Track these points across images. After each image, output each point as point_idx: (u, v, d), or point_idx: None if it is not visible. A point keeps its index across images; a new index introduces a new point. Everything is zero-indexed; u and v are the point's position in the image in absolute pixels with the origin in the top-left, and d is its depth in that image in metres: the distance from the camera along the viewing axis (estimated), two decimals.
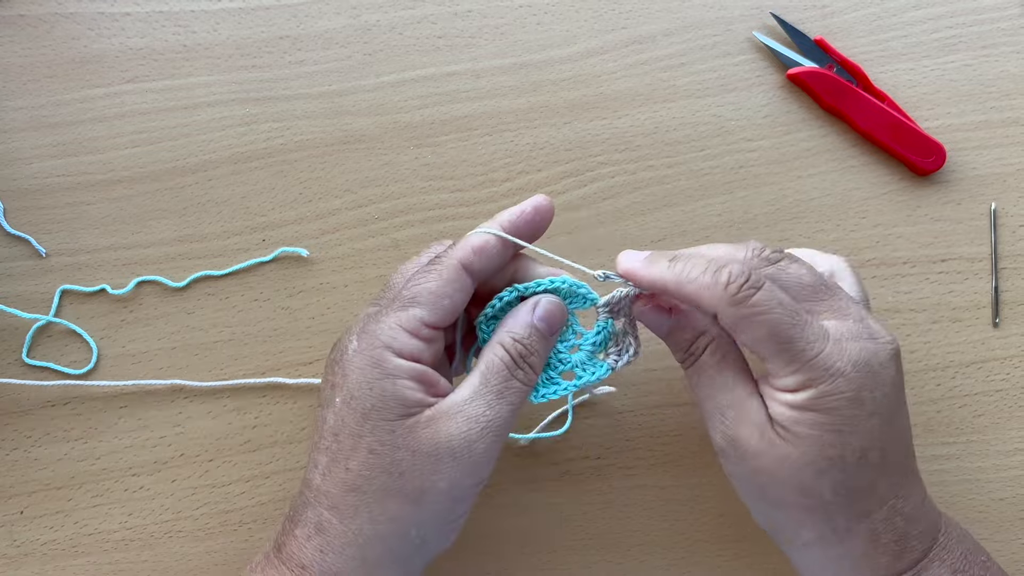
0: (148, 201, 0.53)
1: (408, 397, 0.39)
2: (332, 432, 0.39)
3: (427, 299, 0.40)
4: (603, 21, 0.56)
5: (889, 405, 0.39)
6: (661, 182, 0.54)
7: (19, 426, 0.50)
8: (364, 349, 0.39)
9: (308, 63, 0.55)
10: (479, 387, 0.40)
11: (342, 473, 0.39)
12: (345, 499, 0.39)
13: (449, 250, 0.41)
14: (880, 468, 0.39)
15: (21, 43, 0.54)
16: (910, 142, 0.53)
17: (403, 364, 0.39)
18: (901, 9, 0.56)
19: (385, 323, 0.39)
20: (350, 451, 0.39)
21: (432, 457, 0.38)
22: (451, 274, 0.40)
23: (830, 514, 0.39)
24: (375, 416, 0.38)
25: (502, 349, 0.41)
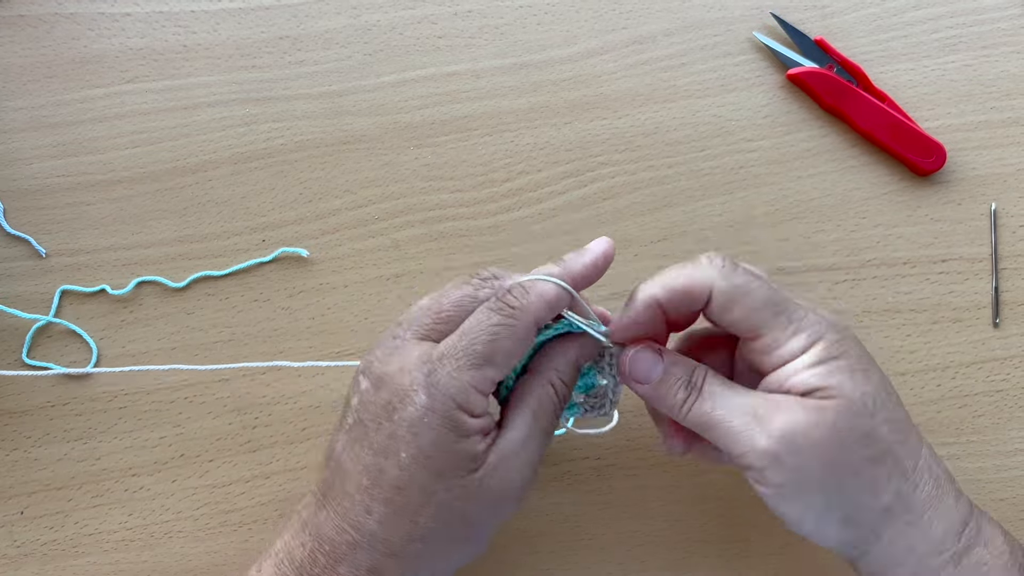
0: (148, 201, 0.53)
1: (478, 452, 0.39)
2: (395, 486, 0.38)
3: (502, 360, 0.39)
4: (603, 21, 0.56)
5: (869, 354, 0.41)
6: (661, 182, 0.54)
7: (19, 426, 0.50)
8: (438, 409, 0.38)
9: (308, 63, 0.55)
10: (532, 427, 0.40)
11: (407, 525, 0.38)
12: (407, 548, 0.39)
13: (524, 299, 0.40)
14: (901, 404, 0.40)
15: (21, 43, 0.54)
16: (910, 142, 0.53)
17: (476, 424, 0.39)
18: (901, 9, 0.56)
19: (459, 381, 0.38)
20: (419, 506, 0.38)
21: (498, 503, 0.40)
22: (527, 332, 0.39)
23: (897, 456, 0.39)
24: (451, 476, 0.38)
25: (552, 389, 0.41)
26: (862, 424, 0.38)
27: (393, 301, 0.52)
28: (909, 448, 0.39)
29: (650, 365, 0.41)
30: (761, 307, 0.39)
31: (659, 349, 0.42)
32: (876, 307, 0.52)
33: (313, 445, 0.50)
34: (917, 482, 0.39)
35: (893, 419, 0.39)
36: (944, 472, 0.41)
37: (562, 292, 0.40)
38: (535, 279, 0.40)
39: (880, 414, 0.39)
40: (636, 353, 0.42)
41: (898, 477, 0.39)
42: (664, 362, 0.41)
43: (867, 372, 0.39)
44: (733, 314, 0.40)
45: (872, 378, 0.39)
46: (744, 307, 0.39)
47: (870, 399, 0.38)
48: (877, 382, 0.39)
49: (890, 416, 0.39)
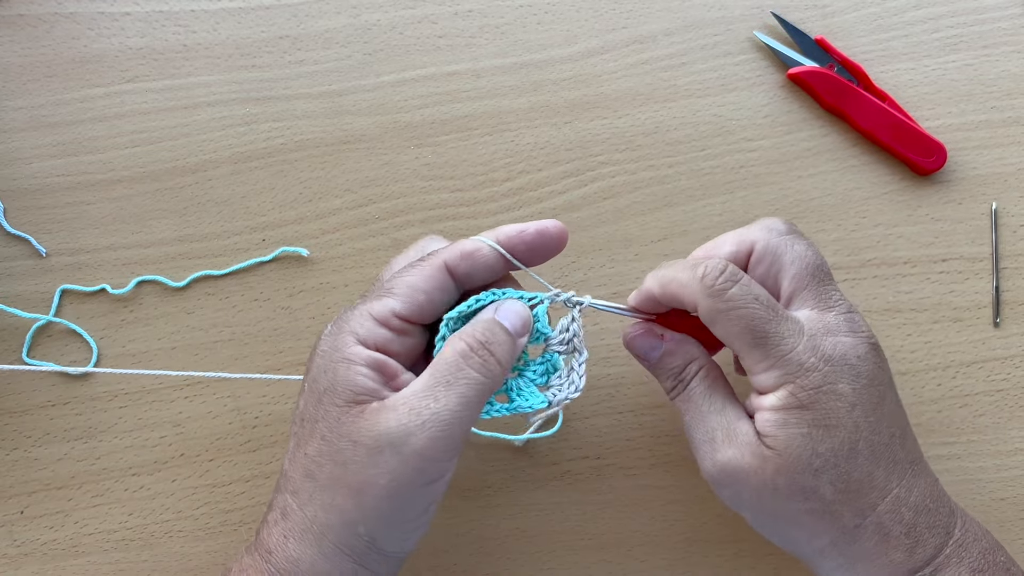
0: (148, 201, 0.53)
1: (359, 383, 0.38)
2: (300, 417, 0.40)
3: (403, 291, 0.40)
4: (603, 21, 0.56)
5: (871, 396, 0.39)
6: (661, 182, 0.54)
7: (19, 426, 0.50)
8: (332, 333, 0.39)
9: (308, 63, 0.55)
10: (428, 379, 0.38)
11: (302, 458, 0.39)
12: (303, 485, 0.39)
13: (438, 251, 0.41)
14: (873, 458, 0.39)
15: (21, 43, 0.54)
16: (911, 142, 0.53)
17: (362, 351, 0.38)
18: (902, 9, 0.56)
19: (358, 310, 0.40)
20: (308, 436, 0.39)
21: (373, 450, 0.37)
22: (433, 271, 0.40)
23: (836, 514, 0.39)
24: (327, 400, 0.38)
25: (458, 339, 0.39)
26: (801, 481, 0.38)
27: None
28: (856, 506, 0.39)
29: (648, 347, 0.43)
30: (740, 335, 0.39)
31: (660, 333, 0.43)
32: (876, 307, 0.52)
33: None
34: (857, 537, 0.39)
35: (843, 478, 0.38)
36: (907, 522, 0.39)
37: (481, 246, 0.41)
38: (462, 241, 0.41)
39: (827, 475, 0.38)
40: (636, 335, 0.44)
41: (835, 531, 0.39)
42: (661, 348, 0.43)
43: (831, 428, 0.38)
44: (715, 331, 0.40)
45: (834, 436, 0.38)
46: (724, 330, 0.39)
47: (819, 460, 0.38)
48: (840, 440, 0.38)
49: (841, 476, 0.38)
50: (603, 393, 0.51)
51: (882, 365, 0.40)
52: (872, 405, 0.39)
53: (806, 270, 0.41)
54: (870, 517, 0.39)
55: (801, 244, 0.41)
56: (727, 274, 0.39)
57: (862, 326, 0.40)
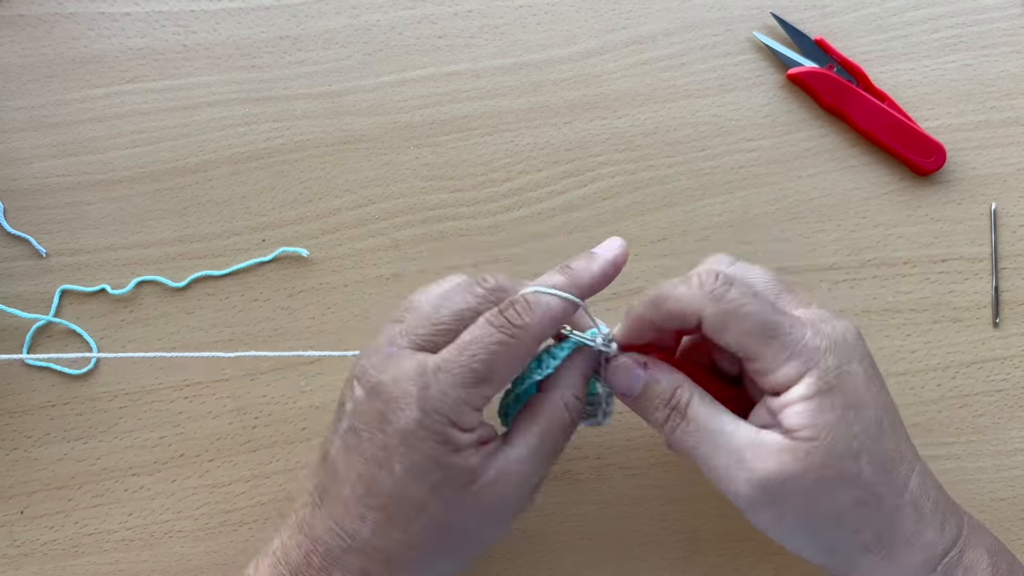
0: (148, 201, 0.53)
1: (474, 466, 0.38)
2: (389, 495, 0.38)
3: (500, 378, 0.38)
4: (603, 21, 0.56)
5: (876, 373, 0.40)
6: (661, 182, 0.54)
7: (19, 426, 0.50)
8: (429, 425, 0.37)
9: (308, 63, 0.55)
10: (537, 446, 0.39)
11: (399, 534, 0.38)
12: (400, 555, 0.39)
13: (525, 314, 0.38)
14: (895, 432, 0.39)
15: (21, 43, 0.54)
16: (910, 142, 0.53)
17: (469, 438, 0.38)
18: (901, 9, 0.56)
19: (452, 397, 0.37)
20: (412, 516, 0.38)
21: (494, 518, 0.40)
22: (528, 351, 0.39)
23: (880, 496, 0.38)
24: (444, 490, 0.38)
25: (565, 410, 0.40)
26: (846, 468, 0.37)
27: (393, 301, 0.52)
28: (894, 485, 0.39)
29: (629, 378, 0.41)
30: (752, 332, 0.38)
31: (643, 361, 0.41)
32: (876, 307, 0.52)
33: (313, 445, 0.50)
34: (898, 519, 0.39)
35: (880, 456, 0.38)
36: (933, 499, 0.39)
37: (568, 306, 0.39)
38: (540, 292, 0.39)
39: (865, 455, 0.38)
40: (616, 363, 0.41)
41: (879, 517, 0.39)
42: (645, 375, 0.41)
43: (859, 409, 0.38)
44: (725, 338, 0.38)
45: (864, 415, 0.38)
46: (735, 332, 0.38)
47: (856, 441, 0.37)
48: (869, 418, 0.38)
49: (877, 454, 0.38)
50: None
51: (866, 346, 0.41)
52: (880, 381, 0.40)
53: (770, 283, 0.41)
54: (906, 495, 0.39)
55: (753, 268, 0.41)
56: (722, 278, 0.39)
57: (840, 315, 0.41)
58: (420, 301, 0.41)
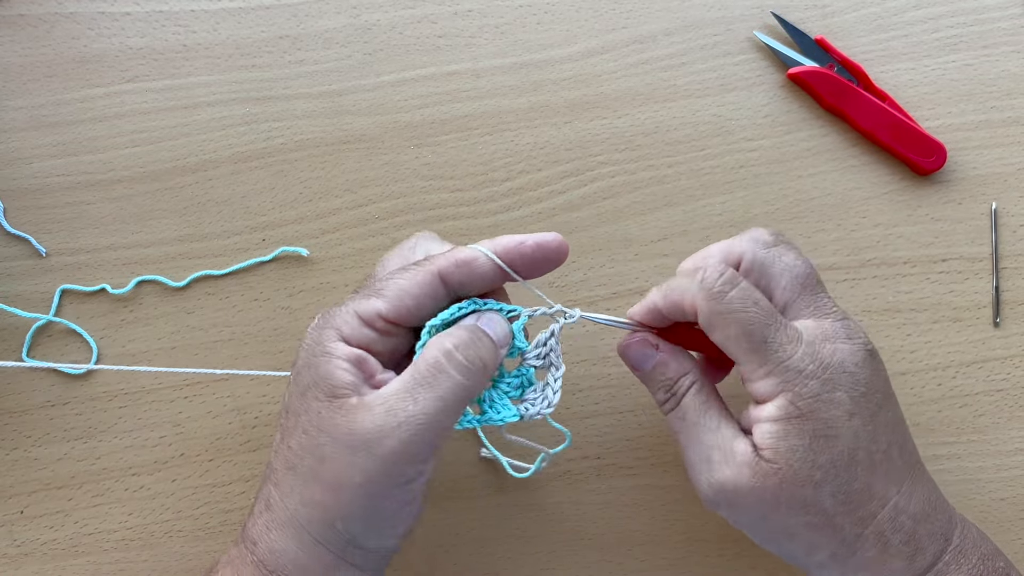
0: (148, 201, 0.53)
1: (339, 378, 0.38)
2: (285, 409, 0.40)
3: (392, 293, 0.39)
4: (603, 21, 0.56)
5: (869, 404, 0.39)
6: (661, 182, 0.54)
7: (19, 426, 0.50)
8: (318, 327, 0.40)
9: (308, 63, 0.55)
10: (408, 379, 0.38)
11: (285, 451, 0.39)
12: (285, 477, 0.39)
13: (434, 256, 0.41)
14: (871, 468, 0.38)
15: (21, 43, 0.54)
16: (911, 142, 0.53)
17: (343, 347, 0.39)
18: (902, 9, 0.56)
19: (344, 308, 0.40)
20: (292, 429, 0.39)
21: (349, 448, 0.37)
22: (425, 277, 0.40)
23: (837, 525, 0.38)
24: (310, 395, 0.38)
25: (441, 339, 0.39)
26: (803, 494, 0.38)
27: None
28: (857, 517, 0.38)
29: (641, 357, 0.43)
30: (737, 338, 0.38)
31: (655, 343, 0.43)
32: (876, 307, 0.52)
33: None
34: (857, 548, 0.39)
35: (844, 490, 0.38)
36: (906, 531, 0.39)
37: (477, 255, 0.40)
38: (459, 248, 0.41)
39: (828, 486, 0.38)
40: (630, 343, 0.43)
41: (835, 543, 0.39)
42: (656, 357, 0.42)
43: (831, 439, 0.38)
44: (714, 336, 0.40)
45: (835, 445, 0.38)
46: (722, 333, 0.39)
47: (820, 472, 0.37)
48: (839, 450, 0.38)
49: (841, 487, 0.38)
50: (603, 393, 0.51)
51: (879, 371, 0.40)
52: (870, 413, 0.39)
53: (795, 280, 0.40)
54: (870, 527, 0.38)
55: (789, 255, 0.41)
56: (726, 277, 0.39)
57: (858, 332, 0.40)
58: None
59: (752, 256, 0.41)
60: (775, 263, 0.41)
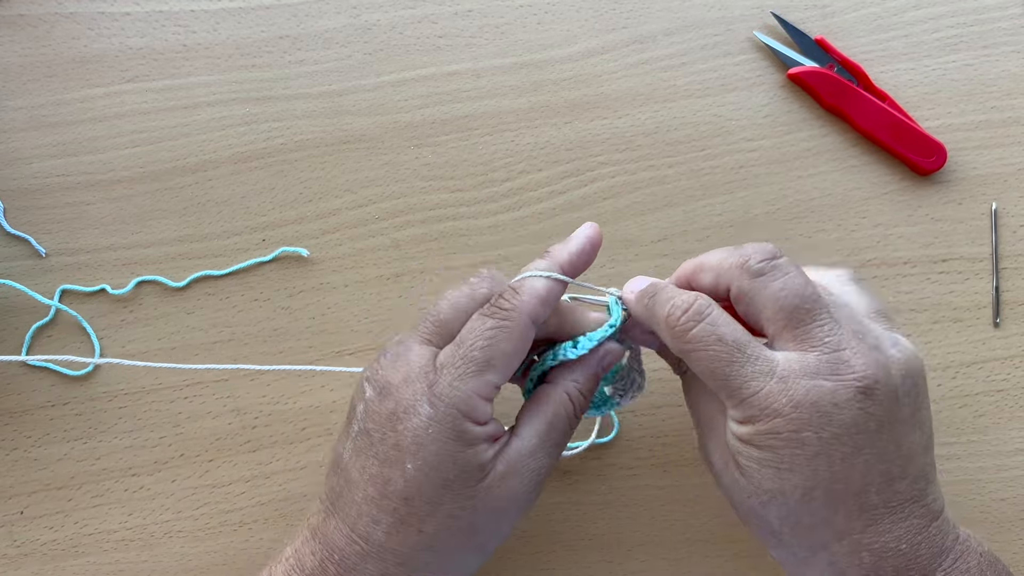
0: (148, 201, 0.53)
1: (485, 461, 0.39)
2: (402, 497, 0.38)
3: (502, 363, 0.39)
4: (603, 21, 0.56)
5: (843, 445, 0.36)
6: (661, 182, 0.54)
7: (19, 426, 0.50)
8: (442, 420, 0.38)
9: (308, 63, 0.55)
10: (543, 436, 0.40)
11: (414, 536, 0.38)
12: (416, 556, 0.39)
13: (515, 299, 0.40)
14: (831, 506, 0.37)
15: (21, 43, 0.54)
16: (911, 142, 0.53)
17: (482, 431, 0.39)
18: (902, 9, 0.56)
19: (460, 390, 0.38)
20: (425, 516, 0.38)
21: (505, 513, 0.40)
22: (523, 332, 0.39)
23: (784, 542, 0.39)
24: (457, 486, 0.38)
25: (568, 400, 0.41)
26: (752, 506, 0.38)
27: (393, 301, 0.52)
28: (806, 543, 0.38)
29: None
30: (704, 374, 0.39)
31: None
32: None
33: (313, 445, 0.50)
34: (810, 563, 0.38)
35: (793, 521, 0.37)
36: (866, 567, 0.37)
37: (553, 284, 0.40)
38: (524, 277, 0.41)
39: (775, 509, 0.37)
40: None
41: (786, 554, 0.39)
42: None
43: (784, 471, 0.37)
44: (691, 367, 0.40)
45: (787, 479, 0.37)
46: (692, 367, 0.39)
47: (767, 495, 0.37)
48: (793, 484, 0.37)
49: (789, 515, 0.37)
50: None
51: (869, 409, 0.36)
52: (841, 455, 0.36)
53: (780, 313, 0.38)
54: (822, 555, 0.38)
55: (777, 282, 0.38)
56: (691, 313, 0.38)
57: (852, 367, 0.37)
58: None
59: (737, 287, 0.39)
60: (759, 295, 0.39)
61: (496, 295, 0.40)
